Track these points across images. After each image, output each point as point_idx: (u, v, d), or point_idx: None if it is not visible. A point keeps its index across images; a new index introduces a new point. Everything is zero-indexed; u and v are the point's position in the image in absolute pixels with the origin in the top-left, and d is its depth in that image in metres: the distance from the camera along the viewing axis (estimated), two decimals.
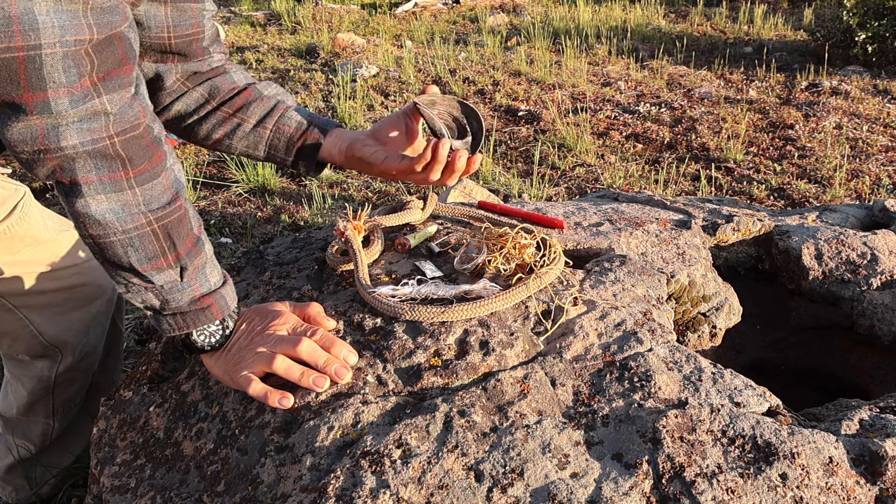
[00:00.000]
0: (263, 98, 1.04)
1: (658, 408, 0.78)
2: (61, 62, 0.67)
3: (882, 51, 4.63)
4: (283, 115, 1.04)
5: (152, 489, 0.84)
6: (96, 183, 0.73)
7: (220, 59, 1.05)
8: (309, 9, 6.44)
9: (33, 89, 0.67)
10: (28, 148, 0.70)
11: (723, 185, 3.08)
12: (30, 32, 0.64)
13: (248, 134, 1.04)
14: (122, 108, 0.74)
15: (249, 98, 1.04)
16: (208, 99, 1.03)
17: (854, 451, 0.75)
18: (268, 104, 1.04)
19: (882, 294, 1.18)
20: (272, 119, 1.03)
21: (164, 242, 0.79)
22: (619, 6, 6.67)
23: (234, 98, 1.03)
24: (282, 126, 1.04)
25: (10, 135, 0.69)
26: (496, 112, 4.02)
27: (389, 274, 1.03)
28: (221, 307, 0.85)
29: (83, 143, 0.71)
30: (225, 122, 1.03)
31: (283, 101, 1.06)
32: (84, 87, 0.70)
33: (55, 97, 0.68)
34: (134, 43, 0.76)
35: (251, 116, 1.03)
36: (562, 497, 0.69)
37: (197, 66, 1.02)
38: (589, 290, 0.99)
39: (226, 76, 1.04)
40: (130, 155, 0.75)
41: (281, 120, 1.04)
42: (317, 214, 2.81)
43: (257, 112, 1.03)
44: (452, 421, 0.77)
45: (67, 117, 0.69)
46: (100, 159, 0.73)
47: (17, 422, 1.35)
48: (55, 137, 0.69)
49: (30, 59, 0.65)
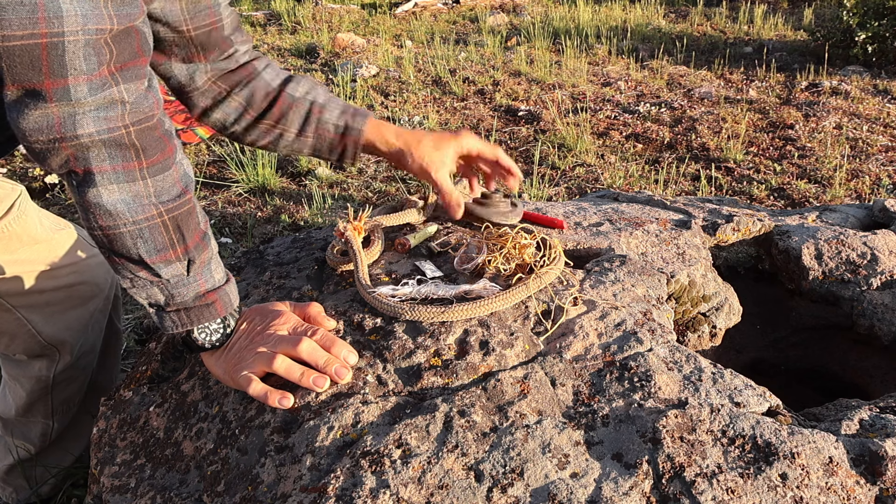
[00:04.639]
0: (296, 102, 1.08)
1: (658, 408, 0.78)
2: (83, 50, 0.68)
3: (882, 51, 4.63)
4: (319, 121, 1.08)
5: (152, 489, 0.83)
6: (110, 172, 0.74)
7: (247, 52, 1.08)
8: (309, 9, 6.44)
9: (54, 76, 0.67)
10: (44, 137, 0.70)
11: (723, 185, 3.08)
12: (54, 20, 0.65)
13: (292, 143, 1.10)
14: (138, 98, 0.75)
15: (284, 106, 1.07)
16: (246, 108, 1.07)
17: (854, 451, 0.75)
18: (302, 109, 1.08)
19: (882, 294, 1.18)
20: (311, 126, 1.08)
21: (173, 234, 0.79)
22: (619, 6, 6.67)
23: (271, 109, 1.07)
24: (321, 132, 1.09)
25: (26, 124, 0.69)
26: (496, 112, 4.01)
27: (389, 274, 1.03)
28: (225, 304, 0.86)
29: (99, 132, 0.71)
30: (267, 133, 1.09)
31: (316, 101, 1.09)
32: (102, 76, 0.71)
33: (75, 84, 0.68)
34: (148, 37, 0.78)
35: (291, 126, 1.08)
36: (562, 497, 0.69)
37: (225, 63, 1.04)
38: (589, 290, 0.99)
39: (259, 79, 1.07)
40: (144, 145, 0.75)
41: (319, 126, 1.08)
42: (317, 214, 2.81)
43: (295, 120, 1.08)
44: (452, 421, 0.77)
45: (85, 105, 0.70)
46: (114, 148, 0.73)
47: (16, 423, 1.35)
48: (72, 126, 0.70)
49: (52, 46, 0.66)
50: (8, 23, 0.64)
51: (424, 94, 4.30)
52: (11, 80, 0.67)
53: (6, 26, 0.64)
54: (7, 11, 0.64)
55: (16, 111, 0.69)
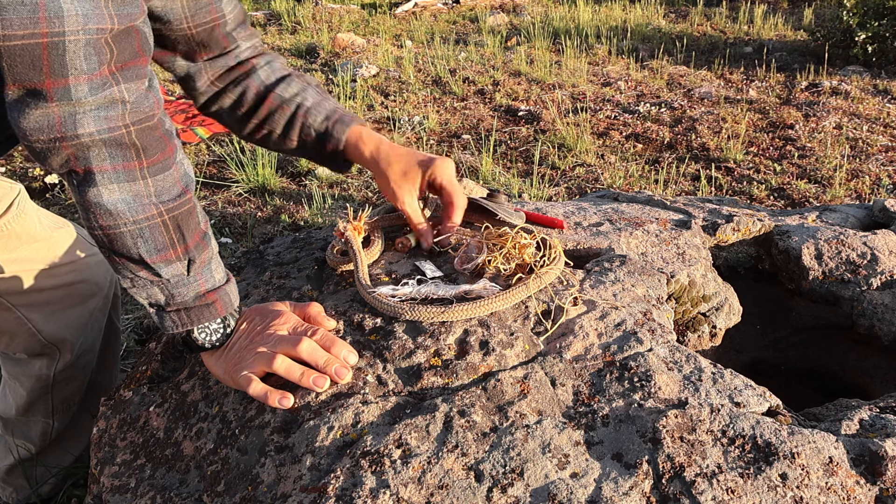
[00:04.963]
0: (284, 104, 1.06)
1: (658, 408, 0.78)
2: (83, 49, 0.68)
3: (882, 51, 4.63)
4: (303, 126, 1.07)
5: (152, 489, 0.83)
6: (110, 172, 0.74)
7: (250, 48, 1.07)
8: (309, 9, 6.44)
9: (55, 75, 0.67)
10: (44, 136, 0.70)
11: (723, 185, 3.08)
12: (55, 19, 0.65)
13: (278, 142, 1.09)
14: (138, 97, 0.75)
15: (272, 107, 1.06)
16: (237, 105, 1.07)
17: (854, 451, 0.75)
18: (288, 112, 1.07)
19: (882, 294, 1.18)
20: (294, 130, 1.07)
21: (173, 234, 0.79)
22: (619, 6, 6.67)
23: (259, 108, 1.07)
24: (304, 136, 1.07)
25: (27, 123, 0.69)
26: (496, 112, 4.01)
27: (389, 274, 1.03)
28: (225, 304, 0.86)
29: (100, 131, 0.71)
30: (256, 131, 1.09)
31: (303, 104, 1.07)
32: (103, 76, 0.71)
33: (76, 84, 0.69)
34: (149, 37, 0.78)
35: (276, 127, 1.07)
36: (562, 497, 0.69)
37: (225, 60, 1.05)
38: (589, 290, 0.99)
39: (253, 77, 1.06)
40: (145, 145, 0.76)
41: (303, 131, 1.07)
42: (317, 214, 2.81)
43: (280, 122, 1.07)
44: (452, 421, 0.77)
45: (86, 105, 0.70)
46: (115, 148, 0.73)
47: (16, 422, 1.35)
48: (72, 125, 0.70)
49: (53, 46, 0.66)
50: (9, 22, 0.64)
51: (424, 94, 4.30)
52: (12, 79, 0.67)
53: (7, 26, 0.64)
54: (8, 11, 0.64)
55: (16, 111, 0.69)
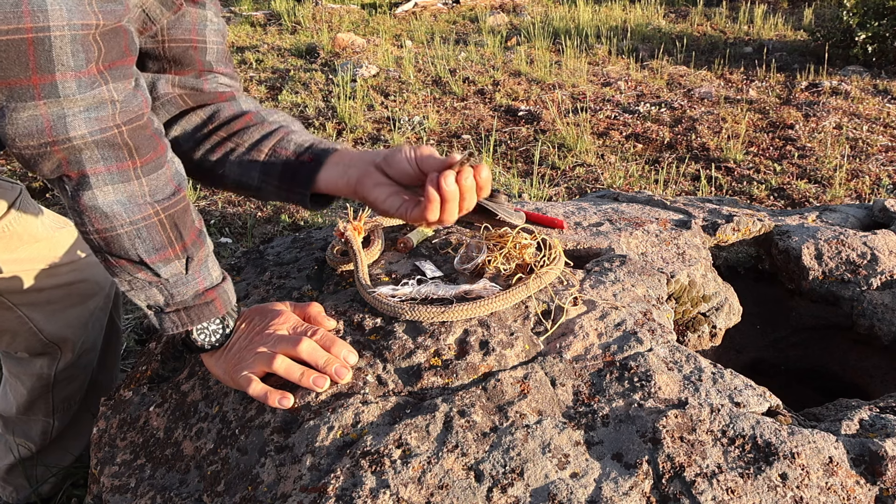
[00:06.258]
0: (266, 123, 0.95)
1: (658, 408, 0.78)
2: (70, 45, 0.67)
3: (882, 51, 4.63)
4: (283, 139, 0.93)
5: (152, 489, 0.84)
6: (104, 173, 0.73)
7: (228, 85, 0.98)
8: (309, 9, 6.44)
9: (41, 71, 0.66)
10: (34, 142, 0.68)
11: (723, 185, 3.08)
12: (38, 14, 0.64)
13: (242, 157, 0.92)
14: (127, 97, 0.74)
15: (250, 122, 0.94)
16: (206, 123, 0.94)
17: (854, 451, 0.75)
18: (268, 128, 0.94)
19: (882, 294, 1.18)
20: (269, 142, 0.93)
21: (171, 232, 0.79)
22: (619, 6, 6.67)
23: (233, 122, 0.94)
24: (279, 150, 0.92)
25: (15, 129, 0.68)
26: (496, 112, 4.01)
27: (389, 274, 1.03)
28: (224, 302, 0.85)
29: (91, 133, 0.71)
30: (218, 147, 0.93)
31: (287, 126, 0.95)
32: (91, 74, 0.70)
33: (63, 80, 0.67)
34: (135, 37, 0.77)
35: (247, 140, 0.93)
36: (562, 497, 0.69)
37: (196, 82, 0.94)
38: (589, 290, 0.99)
39: (232, 102, 0.96)
40: (137, 144, 0.75)
41: (279, 143, 0.93)
42: (317, 214, 2.81)
43: (255, 135, 0.93)
44: (452, 421, 0.77)
45: (75, 105, 0.69)
46: (107, 149, 0.73)
47: (17, 421, 1.35)
48: (63, 128, 0.69)
49: (38, 41, 0.65)
50: None
51: (424, 94, 4.29)
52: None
53: None
54: None
55: (2, 117, 0.67)
